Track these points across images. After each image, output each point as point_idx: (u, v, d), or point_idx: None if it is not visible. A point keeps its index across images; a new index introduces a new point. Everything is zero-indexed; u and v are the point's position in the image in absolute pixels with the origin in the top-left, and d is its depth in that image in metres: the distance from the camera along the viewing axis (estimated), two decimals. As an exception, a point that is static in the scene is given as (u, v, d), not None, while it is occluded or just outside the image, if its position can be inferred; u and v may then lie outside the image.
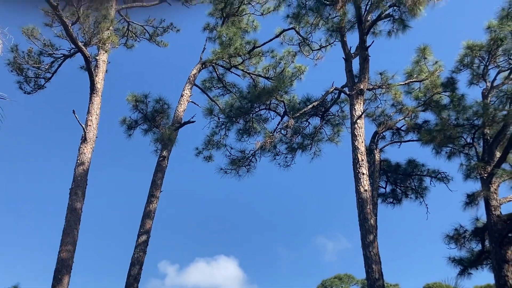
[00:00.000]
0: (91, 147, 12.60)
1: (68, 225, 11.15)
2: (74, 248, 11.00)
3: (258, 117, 14.21)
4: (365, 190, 11.22)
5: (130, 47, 19.18)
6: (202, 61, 16.06)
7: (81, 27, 14.28)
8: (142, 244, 12.62)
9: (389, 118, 14.67)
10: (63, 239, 10.94)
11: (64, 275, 10.53)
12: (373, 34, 14.10)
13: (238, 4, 16.67)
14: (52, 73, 16.10)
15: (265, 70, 16.61)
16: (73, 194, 11.72)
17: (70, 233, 11.03)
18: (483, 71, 13.76)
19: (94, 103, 13.48)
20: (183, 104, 15.07)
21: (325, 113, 14.08)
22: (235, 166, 14.16)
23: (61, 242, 10.91)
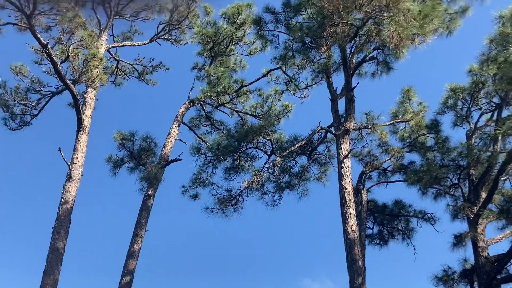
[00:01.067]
0: (76, 185, 12.41)
1: (49, 266, 10.81)
2: (54, 291, 10.64)
3: (245, 155, 14.23)
4: (353, 230, 11.14)
5: (118, 85, 19.31)
6: (190, 99, 16.18)
7: (70, 65, 14.37)
8: (125, 285, 12.26)
9: (375, 158, 14.80)
10: (44, 281, 10.57)
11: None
12: (359, 75, 14.42)
13: (226, 45, 16.99)
14: (39, 110, 16.05)
15: (253, 108, 16.78)
16: (55, 233, 11.43)
17: (51, 274, 10.68)
18: (467, 113, 14.07)
19: (80, 141, 13.38)
20: (170, 142, 15.04)
21: (312, 152, 14.14)
22: (221, 206, 14.01)
23: (41, 284, 10.54)
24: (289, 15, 13.66)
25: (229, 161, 14.47)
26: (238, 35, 16.97)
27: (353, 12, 10.72)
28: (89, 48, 14.04)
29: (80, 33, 13.90)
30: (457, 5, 13.09)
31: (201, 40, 16.93)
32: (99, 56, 14.21)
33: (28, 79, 15.91)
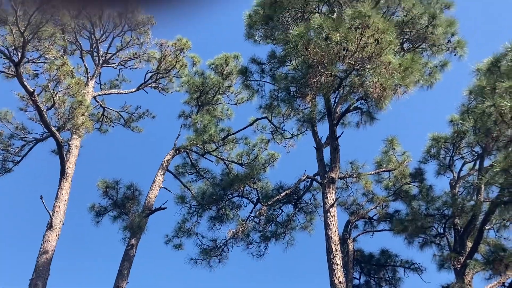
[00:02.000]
0: (57, 234, 12.08)
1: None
2: None
3: (231, 204, 14.11)
4: (340, 282, 10.94)
5: (104, 132, 19.28)
6: (176, 147, 16.18)
7: (56, 112, 14.37)
8: None
9: (361, 207, 14.80)
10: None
11: None
12: (343, 124, 14.64)
13: (213, 94, 17.24)
14: (22, 157, 15.87)
15: (239, 156, 16.82)
16: (33, 285, 10.98)
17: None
18: (449, 162, 14.29)
19: (63, 189, 13.16)
20: (155, 190, 14.88)
21: (298, 201, 14.11)
22: (206, 256, 13.73)
23: None
24: (275, 65, 14.00)
25: (214, 210, 14.35)
26: (225, 85, 17.28)
27: (336, 63, 11.03)
28: (75, 95, 14.10)
29: (68, 81, 14.01)
30: (437, 59, 13.60)
31: (188, 89, 17.17)
32: (85, 103, 14.27)
33: (13, 126, 15.83)
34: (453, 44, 13.24)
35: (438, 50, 13.44)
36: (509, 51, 10.88)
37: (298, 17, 13.40)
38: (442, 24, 12.33)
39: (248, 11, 13.70)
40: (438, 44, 13.24)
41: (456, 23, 12.87)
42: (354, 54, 10.23)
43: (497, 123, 8.87)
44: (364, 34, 9.85)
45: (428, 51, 13.61)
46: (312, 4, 13.09)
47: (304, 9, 13.10)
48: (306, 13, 13.19)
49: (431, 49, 13.49)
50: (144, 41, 18.80)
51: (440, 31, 12.35)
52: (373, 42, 10.00)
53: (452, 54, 13.37)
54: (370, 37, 9.94)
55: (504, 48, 11.07)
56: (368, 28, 9.78)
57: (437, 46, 13.28)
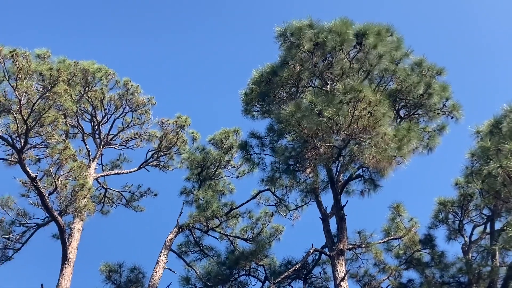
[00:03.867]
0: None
1: None
2: None
3: (238, 283, 13.62)
4: None
5: (106, 213, 19.07)
6: (179, 225, 15.90)
7: (57, 196, 14.28)
8: None
9: (373, 278, 14.25)
10: None
11: None
12: (347, 193, 14.50)
13: (214, 169, 17.25)
14: (23, 244, 15.55)
15: (243, 231, 16.48)
16: None
17: None
18: (459, 226, 13.99)
19: (65, 275, 12.76)
20: (158, 272, 14.40)
21: (307, 275, 13.63)
22: None
23: None
24: (274, 138, 14.13)
25: (221, 291, 13.82)
26: (226, 159, 17.33)
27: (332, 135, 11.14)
28: (77, 178, 14.08)
29: (70, 164, 14.04)
30: (434, 123, 13.76)
31: (189, 165, 17.20)
32: (87, 186, 14.21)
33: (14, 212, 15.65)
34: (449, 108, 13.45)
35: (434, 115, 13.62)
36: (509, 112, 11.03)
37: (293, 92, 13.75)
38: (437, 91, 12.61)
39: (244, 90, 14.09)
40: (434, 109, 13.45)
41: (449, 88, 13.16)
42: (349, 127, 10.35)
43: (505, 185, 8.77)
44: (356, 108, 10.03)
45: (424, 117, 13.80)
46: (305, 79, 13.48)
47: (298, 84, 13.48)
48: (300, 87, 13.56)
49: (427, 114, 13.69)
50: (145, 121, 19.15)
51: (435, 99, 12.61)
52: (367, 114, 10.15)
53: (449, 117, 13.54)
54: (362, 110, 10.10)
55: (503, 110, 11.24)
56: (360, 102, 9.97)
57: (433, 111, 13.48)
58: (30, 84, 13.22)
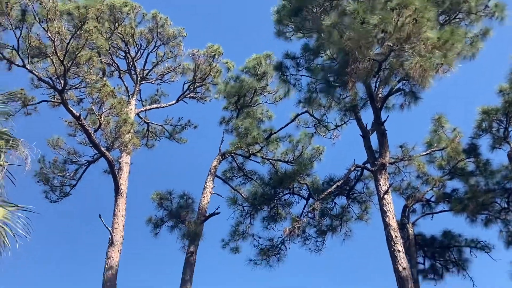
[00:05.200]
0: (119, 250, 12.47)
1: (99, 336, 10.69)
2: None
3: (282, 202, 14.07)
4: (404, 268, 10.66)
5: (150, 147, 19.74)
6: (221, 152, 16.32)
7: (103, 133, 14.85)
8: None
9: (416, 190, 14.35)
10: None
11: None
12: (387, 108, 14.25)
13: (250, 96, 17.25)
14: (77, 180, 16.50)
15: (284, 154, 16.72)
16: (102, 301, 11.39)
17: None
18: (504, 134, 13.62)
19: (119, 205, 13.56)
20: (206, 197, 15.07)
21: (350, 191, 13.87)
22: (264, 256, 13.77)
23: None
24: (309, 58, 13.83)
25: (267, 210, 14.33)
26: (261, 85, 17.26)
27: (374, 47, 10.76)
28: (119, 114, 14.50)
29: (110, 101, 14.43)
30: (476, 27, 13.01)
31: (226, 94, 17.27)
32: (130, 121, 14.65)
33: (65, 151, 16.51)
34: (491, 8, 12.62)
35: (476, 18, 12.84)
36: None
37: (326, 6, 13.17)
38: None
39: (276, 7, 13.60)
40: (476, 12, 12.66)
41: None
42: (392, 36, 9.93)
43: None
44: (401, 15, 9.56)
45: (466, 21, 13.04)
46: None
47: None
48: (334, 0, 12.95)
49: (468, 18, 12.92)
50: (177, 54, 19.14)
51: (475, 0, 11.80)
52: (411, 21, 9.68)
53: (492, 19, 12.73)
54: (408, 17, 9.63)
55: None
56: (406, 8, 9.49)
57: (475, 14, 12.70)
58: (61, 24, 13.33)
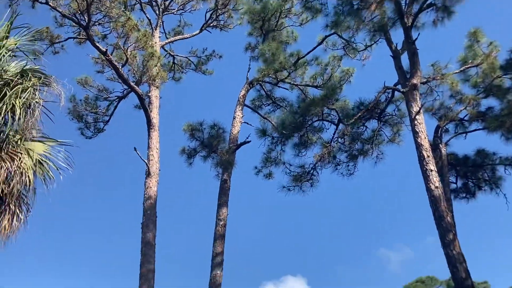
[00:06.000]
0: (156, 180, 12.97)
1: (145, 258, 11.45)
2: (153, 280, 11.27)
3: (312, 129, 14.08)
4: (436, 187, 10.74)
5: (178, 80, 19.78)
6: (248, 80, 16.22)
7: (130, 68, 14.92)
8: (217, 267, 12.73)
9: (449, 110, 14.04)
10: (142, 272, 11.24)
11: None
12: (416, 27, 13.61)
13: (275, 20, 16.71)
14: (110, 116, 16.89)
15: (312, 79, 16.45)
16: (145, 227, 12.06)
17: (147, 266, 11.32)
18: (545, 46, 12.90)
19: (152, 138, 13.90)
20: (236, 126, 15.23)
21: (381, 114, 13.72)
22: (297, 183, 14.09)
23: (140, 276, 11.20)
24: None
25: (297, 137, 14.42)
26: (286, 7, 16.67)
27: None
28: (145, 48, 14.45)
29: (135, 35, 14.33)
30: None
31: (249, 19, 16.75)
32: (156, 54, 14.62)
33: (95, 88, 16.80)
34: None
35: None
36: None
37: None
38: None
39: None
40: None
41: None
42: None
43: None
44: None
45: None
46: None
47: None
48: None
49: None
50: (197, -20, 18.57)
51: None
52: None
53: None
54: None
55: None
56: None
57: None
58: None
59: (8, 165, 8.09)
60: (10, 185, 8.28)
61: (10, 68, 8.47)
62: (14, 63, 8.62)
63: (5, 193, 8.38)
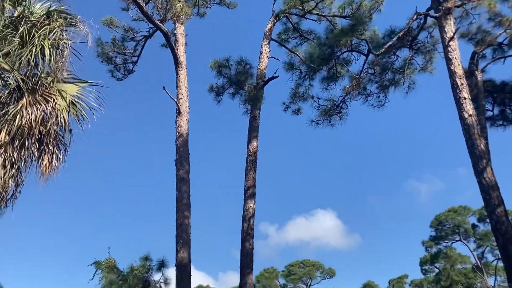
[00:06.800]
0: (186, 118, 13.15)
1: (179, 193, 11.90)
2: (189, 213, 11.77)
3: (341, 61, 13.74)
4: (470, 115, 10.47)
5: (202, 15, 19.35)
6: (275, 13, 15.76)
7: (154, 5, 14.72)
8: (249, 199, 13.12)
9: (487, 34, 13.31)
10: (178, 207, 11.73)
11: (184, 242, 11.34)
12: None
13: None
14: (138, 56, 16.97)
15: (341, 9, 15.82)
16: (178, 164, 12.41)
17: (182, 200, 11.78)
18: None
19: (180, 77, 13.93)
20: (263, 61, 15.02)
21: (412, 42, 13.19)
22: (326, 116, 14.00)
23: (176, 210, 11.71)
24: None
25: (325, 70, 14.14)
26: None
27: None
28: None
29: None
30: None
31: None
32: (179, -11, 14.29)
33: (120, 29, 16.77)
34: None
35: None
36: None
37: None
38: None
39: None
40: None
41: None
42: None
43: None
44: None
45: None
46: None
47: None
48: None
49: None
50: None
51: None
52: None
53: None
54: None
55: None
56: None
57: None
58: None
59: (44, 107, 8.36)
60: (47, 126, 8.61)
61: (36, 10, 8.52)
62: (39, 4, 8.64)
63: (43, 134, 8.74)
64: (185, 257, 11.10)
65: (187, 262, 11.10)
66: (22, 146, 8.25)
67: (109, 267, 18.05)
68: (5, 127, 7.97)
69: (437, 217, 48.81)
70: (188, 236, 11.42)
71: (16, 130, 7.93)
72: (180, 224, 11.41)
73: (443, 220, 48.39)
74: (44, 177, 8.73)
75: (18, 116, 7.97)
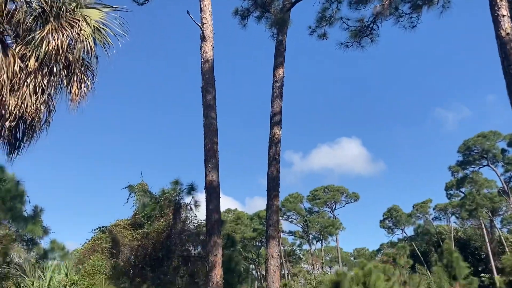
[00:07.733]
0: (211, 44, 12.90)
1: (207, 119, 11.99)
2: (217, 139, 11.94)
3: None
4: (508, 33, 9.90)
5: None
6: None
7: None
8: (275, 125, 13.18)
9: None
10: (206, 132, 11.87)
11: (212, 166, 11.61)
12: None
13: None
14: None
15: None
16: (204, 91, 12.39)
17: (210, 126, 11.90)
18: None
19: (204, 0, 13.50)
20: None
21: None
22: (356, 38, 13.56)
23: (204, 135, 11.87)
24: None
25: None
26: None
27: None
28: None
29: None
30: None
31: None
32: None
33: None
34: None
35: None
36: None
37: None
38: None
39: None
40: None
41: None
42: None
43: None
44: None
45: None
46: None
47: None
48: None
49: None
50: None
51: None
52: None
53: None
54: None
55: None
56: None
57: None
58: None
59: (69, 32, 8.34)
60: (73, 52, 8.64)
61: None
62: None
63: (70, 61, 8.79)
64: (215, 179, 11.42)
65: (217, 184, 11.43)
66: (50, 73, 8.35)
67: (142, 190, 18.90)
68: (32, 54, 8.03)
69: (466, 142, 48.30)
70: (217, 160, 11.66)
71: (43, 56, 7.99)
72: (208, 149, 11.62)
73: (471, 145, 47.90)
74: (74, 103, 8.92)
75: (45, 42, 7.99)
